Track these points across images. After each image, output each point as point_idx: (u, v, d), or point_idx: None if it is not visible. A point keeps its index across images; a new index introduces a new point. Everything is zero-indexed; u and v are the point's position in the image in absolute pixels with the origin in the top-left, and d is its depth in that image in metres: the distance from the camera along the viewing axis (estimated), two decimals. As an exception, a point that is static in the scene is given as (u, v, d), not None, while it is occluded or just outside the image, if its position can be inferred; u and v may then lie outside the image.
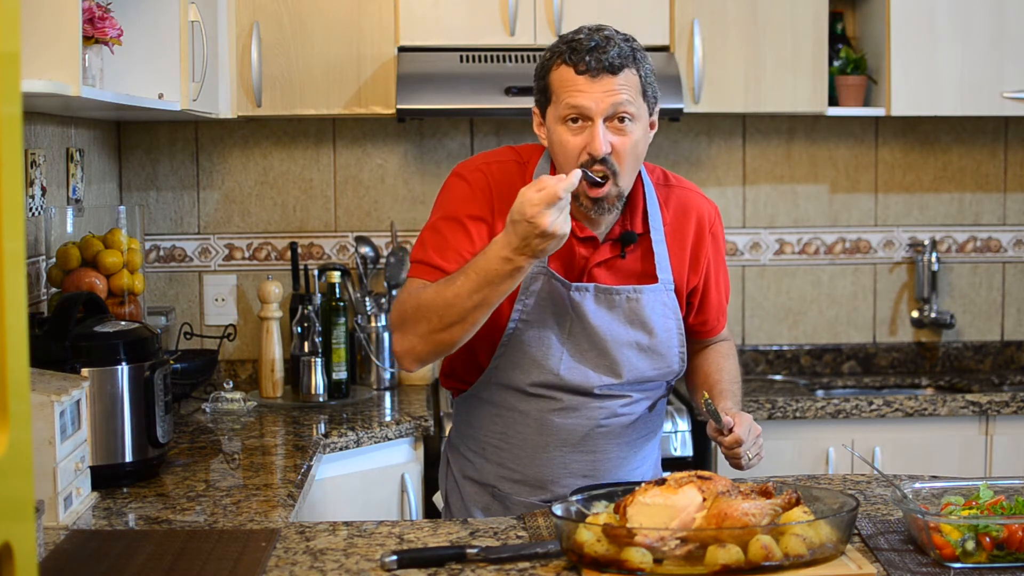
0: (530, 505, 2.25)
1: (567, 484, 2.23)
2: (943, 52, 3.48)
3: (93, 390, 2.24)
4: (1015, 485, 1.91)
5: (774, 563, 1.66)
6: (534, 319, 2.19)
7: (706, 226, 2.29)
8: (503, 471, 2.28)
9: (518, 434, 2.25)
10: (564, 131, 2.11)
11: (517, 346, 2.20)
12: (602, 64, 2.07)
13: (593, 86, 2.07)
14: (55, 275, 2.71)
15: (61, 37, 2.15)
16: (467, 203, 2.19)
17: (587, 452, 2.24)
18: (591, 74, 2.07)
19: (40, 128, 2.80)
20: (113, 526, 2.02)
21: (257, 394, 3.35)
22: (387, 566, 1.75)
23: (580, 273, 2.21)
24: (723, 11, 3.42)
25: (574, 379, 2.20)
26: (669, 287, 2.24)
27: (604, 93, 2.07)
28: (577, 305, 2.19)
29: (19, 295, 1.15)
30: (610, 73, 2.07)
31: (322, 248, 3.65)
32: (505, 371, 2.22)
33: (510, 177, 2.22)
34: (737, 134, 3.78)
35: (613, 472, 2.25)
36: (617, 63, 2.08)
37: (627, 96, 2.09)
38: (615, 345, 2.20)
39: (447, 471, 2.42)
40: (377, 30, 3.33)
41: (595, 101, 2.07)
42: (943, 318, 3.79)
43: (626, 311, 2.21)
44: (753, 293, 3.82)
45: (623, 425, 2.25)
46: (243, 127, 3.62)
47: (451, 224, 2.18)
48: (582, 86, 2.08)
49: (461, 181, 2.22)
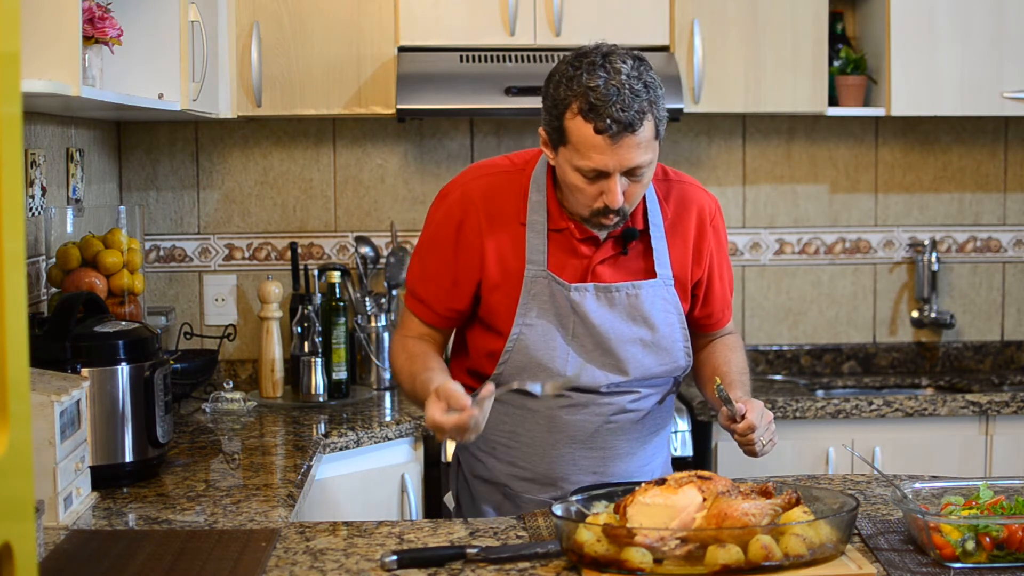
0: (541, 503, 2.25)
1: (577, 481, 2.24)
2: (943, 52, 3.48)
3: (93, 390, 2.24)
4: (1015, 485, 1.91)
5: (774, 563, 1.66)
6: (537, 323, 2.20)
7: (707, 219, 2.29)
8: (513, 470, 2.28)
9: (527, 432, 2.25)
10: (579, 179, 2.08)
11: (522, 351, 2.21)
12: (622, 125, 2.00)
13: (614, 148, 2.02)
14: (55, 275, 2.71)
15: (61, 37, 2.14)
16: (445, 227, 2.23)
17: (596, 448, 2.24)
18: (612, 137, 2.01)
19: (40, 128, 2.80)
20: (113, 526, 2.02)
21: (257, 394, 3.35)
22: (387, 566, 1.75)
23: (584, 272, 2.21)
24: (723, 11, 3.42)
25: (582, 379, 2.20)
26: (668, 282, 2.24)
27: (624, 155, 2.02)
28: (577, 305, 2.19)
29: (19, 295, 1.15)
30: (631, 133, 2.01)
31: (322, 248, 3.65)
32: (512, 376, 2.22)
33: (501, 186, 2.23)
34: (737, 134, 3.78)
35: (623, 468, 2.26)
36: (637, 120, 2.01)
37: (644, 150, 2.04)
38: (619, 343, 2.21)
39: (457, 471, 2.42)
40: (377, 30, 3.33)
41: (615, 162, 2.03)
42: (943, 318, 3.79)
43: (626, 308, 2.21)
44: (753, 293, 3.82)
45: (632, 421, 2.25)
46: (243, 127, 3.62)
47: (431, 250, 2.26)
48: (602, 148, 2.02)
49: (443, 202, 2.26)
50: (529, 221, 2.20)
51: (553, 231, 2.20)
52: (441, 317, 2.28)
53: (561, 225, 2.20)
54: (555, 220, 2.20)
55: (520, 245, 2.20)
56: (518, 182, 2.23)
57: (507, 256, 2.20)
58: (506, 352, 2.21)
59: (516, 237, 2.20)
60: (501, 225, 2.20)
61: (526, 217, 2.20)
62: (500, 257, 2.21)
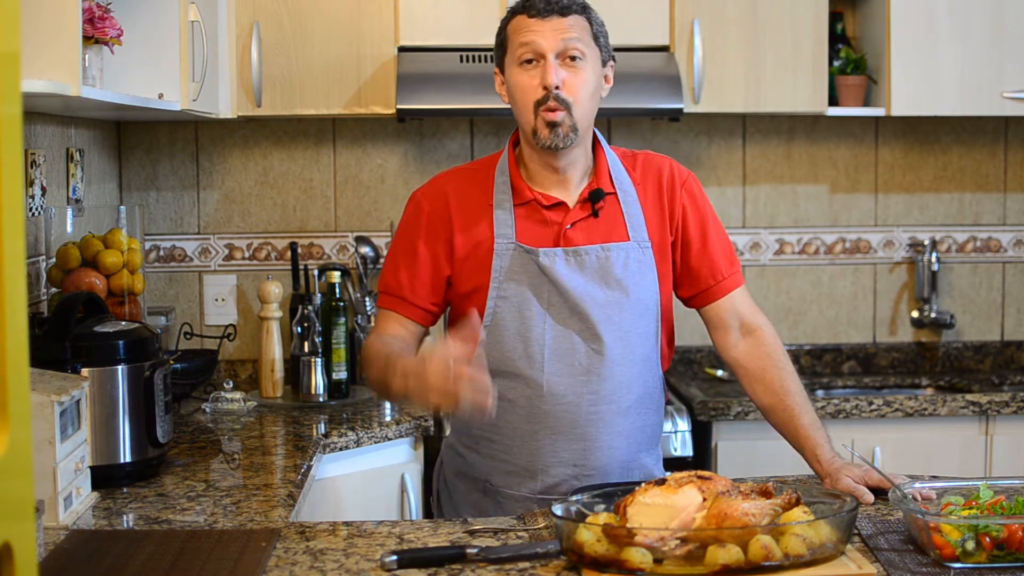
0: (520, 498, 2.26)
1: (556, 473, 2.25)
2: (943, 52, 3.48)
3: (93, 390, 2.24)
4: (1015, 485, 1.91)
5: (774, 563, 1.66)
6: (512, 295, 2.24)
7: (676, 179, 2.33)
8: (495, 463, 2.29)
9: (508, 424, 2.26)
10: (519, 73, 2.23)
11: (500, 324, 2.24)
12: (551, 7, 2.21)
13: (543, 25, 2.20)
14: (55, 275, 2.71)
15: (61, 37, 2.15)
16: (414, 219, 2.32)
17: (577, 440, 2.24)
18: (541, 16, 2.21)
19: (40, 128, 2.80)
20: (113, 526, 2.02)
21: (257, 394, 3.35)
22: (387, 566, 1.75)
23: (556, 239, 2.26)
24: (723, 11, 3.42)
25: (560, 349, 2.22)
26: (644, 245, 2.27)
27: (554, 31, 2.20)
28: (548, 270, 2.23)
29: (19, 295, 1.15)
30: (559, 15, 2.20)
31: (322, 248, 3.66)
32: (492, 354, 2.23)
33: (467, 179, 2.33)
34: (737, 134, 3.78)
35: (604, 461, 2.25)
36: (566, 5, 2.22)
37: (576, 35, 2.21)
38: (593, 306, 2.23)
39: (440, 471, 2.45)
40: (377, 30, 3.33)
41: (545, 38, 2.20)
42: (943, 318, 3.78)
43: (598, 271, 2.24)
44: (753, 293, 3.79)
45: (613, 413, 2.25)
46: (243, 127, 3.62)
47: (402, 244, 2.32)
48: (533, 27, 2.21)
49: (410, 203, 2.35)
50: (496, 200, 2.28)
51: (519, 205, 2.27)
52: (417, 308, 2.30)
53: (527, 198, 2.27)
54: (520, 195, 2.28)
55: (489, 225, 2.26)
56: (484, 174, 2.33)
57: (477, 236, 2.26)
58: (484, 328, 2.23)
59: (485, 218, 2.27)
60: (469, 210, 2.28)
61: (493, 199, 2.28)
62: (469, 238, 2.27)
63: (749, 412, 3.23)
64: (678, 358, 3.74)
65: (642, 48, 3.36)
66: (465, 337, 1.95)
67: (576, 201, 2.28)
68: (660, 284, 2.29)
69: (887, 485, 1.99)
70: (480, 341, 2.03)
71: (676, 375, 3.69)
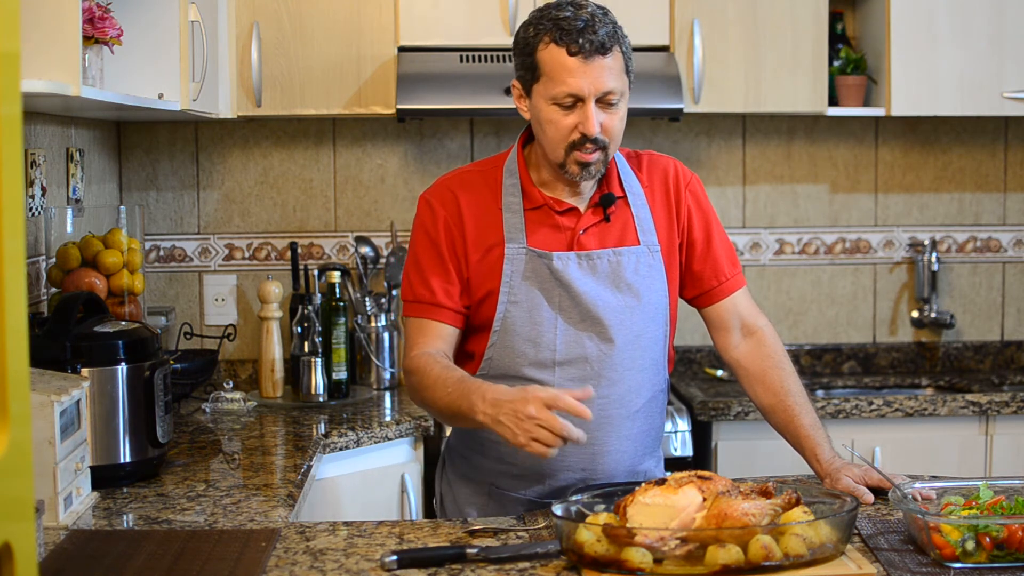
0: (527, 501, 2.25)
1: (565, 478, 2.24)
2: (943, 52, 3.48)
3: (93, 390, 2.24)
4: (1015, 485, 1.91)
5: (774, 563, 1.66)
6: (523, 299, 2.22)
7: (682, 182, 2.32)
8: (502, 466, 2.28)
9: None
10: (555, 111, 2.16)
11: (511, 329, 2.22)
12: (594, 46, 2.10)
13: (586, 70, 2.11)
14: (55, 275, 2.71)
15: (61, 37, 2.15)
16: (432, 225, 2.26)
17: (586, 445, 2.23)
18: (584, 57, 2.11)
19: (40, 128, 2.80)
20: (113, 526, 2.02)
21: (257, 394, 3.35)
22: (387, 566, 1.75)
23: (569, 244, 2.24)
24: (723, 11, 3.42)
25: (571, 353, 2.21)
26: (654, 249, 2.26)
27: (596, 75, 2.11)
28: (560, 274, 2.21)
29: (19, 295, 1.15)
30: (601, 55, 2.11)
31: (322, 248, 3.66)
32: (502, 359, 2.22)
33: (475, 181, 2.28)
34: (737, 134, 3.78)
35: (612, 466, 2.25)
36: (607, 44, 2.12)
37: (616, 75, 2.14)
38: (605, 310, 2.21)
39: (442, 474, 2.43)
40: (377, 30, 3.33)
41: (589, 84, 2.11)
42: (943, 318, 3.78)
43: (609, 275, 2.23)
44: (753, 293, 3.78)
45: (622, 418, 2.24)
46: (243, 127, 3.62)
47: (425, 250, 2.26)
48: (574, 71, 2.11)
49: (425, 210, 2.29)
50: (505, 203, 2.24)
51: (530, 210, 2.24)
52: (453, 312, 2.24)
53: (538, 202, 2.24)
54: (532, 199, 2.25)
55: (499, 229, 2.24)
56: (491, 176, 2.29)
57: (489, 241, 2.23)
58: (494, 333, 2.22)
59: (496, 222, 2.24)
60: (480, 214, 2.25)
61: (502, 201, 2.25)
62: (481, 242, 2.24)
63: (749, 412, 3.23)
64: (678, 358, 3.74)
65: (642, 48, 3.36)
66: (577, 395, 1.93)
67: (588, 206, 2.26)
68: (668, 287, 2.29)
69: (887, 485, 1.99)
70: (588, 396, 1.99)
71: (676, 375, 3.69)
